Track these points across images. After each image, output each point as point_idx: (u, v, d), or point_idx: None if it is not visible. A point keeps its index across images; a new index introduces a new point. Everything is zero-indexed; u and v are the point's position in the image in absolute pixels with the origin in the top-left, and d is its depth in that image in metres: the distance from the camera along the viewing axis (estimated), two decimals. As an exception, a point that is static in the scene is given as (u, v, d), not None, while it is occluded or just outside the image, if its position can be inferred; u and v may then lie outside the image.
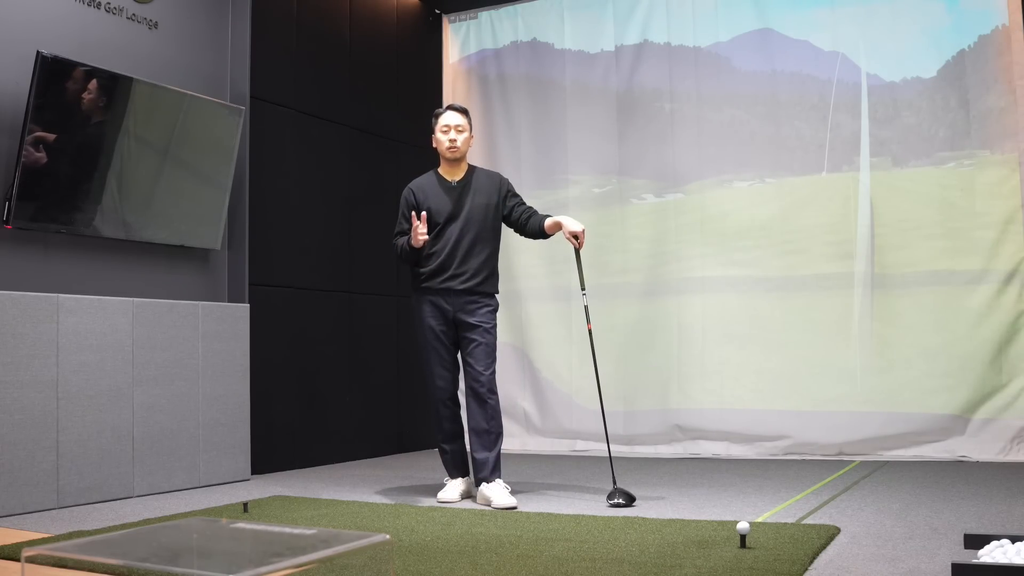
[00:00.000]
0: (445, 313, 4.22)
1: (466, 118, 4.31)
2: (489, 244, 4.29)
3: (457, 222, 4.22)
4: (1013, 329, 5.42)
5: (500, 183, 4.37)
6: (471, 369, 4.19)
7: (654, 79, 6.38)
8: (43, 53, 4.08)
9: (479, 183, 4.31)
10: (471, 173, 4.34)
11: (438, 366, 4.26)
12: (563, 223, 4.24)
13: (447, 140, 4.25)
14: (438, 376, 4.26)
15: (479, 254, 4.24)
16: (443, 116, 4.29)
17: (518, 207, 4.36)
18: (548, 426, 6.53)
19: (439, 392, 4.27)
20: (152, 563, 1.87)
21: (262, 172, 5.35)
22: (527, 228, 4.34)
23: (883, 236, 5.72)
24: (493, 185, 4.34)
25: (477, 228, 4.24)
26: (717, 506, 3.93)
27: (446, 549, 3.01)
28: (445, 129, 4.26)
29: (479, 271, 4.23)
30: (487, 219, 4.28)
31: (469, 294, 4.21)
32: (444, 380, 4.27)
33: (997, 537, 2.74)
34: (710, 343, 6.09)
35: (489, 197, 4.30)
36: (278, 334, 5.41)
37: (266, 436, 5.23)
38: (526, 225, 4.34)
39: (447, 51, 7.10)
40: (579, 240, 4.20)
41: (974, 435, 5.43)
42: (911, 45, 5.73)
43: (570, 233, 4.20)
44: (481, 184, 4.31)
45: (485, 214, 4.27)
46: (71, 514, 3.89)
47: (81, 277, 4.46)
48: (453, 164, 4.30)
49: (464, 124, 4.28)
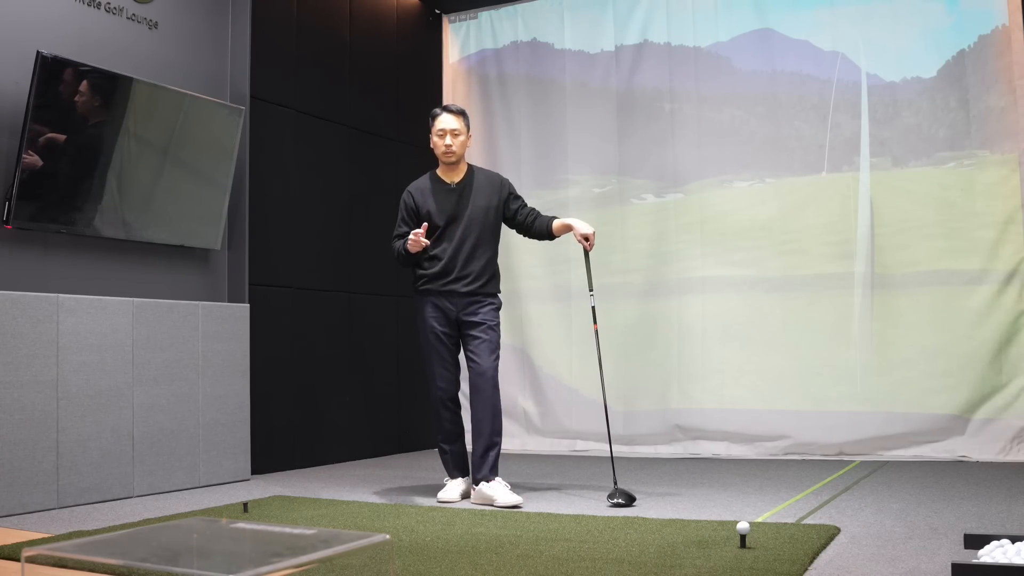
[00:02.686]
0: (448, 314, 4.22)
1: (463, 120, 4.27)
2: (490, 246, 4.29)
3: (458, 225, 4.21)
4: (1013, 329, 5.42)
5: (501, 185, 4.35)
6: (475, 363, 4.17)
7: (654, 79, 6.38)
8: (43, 53, 4.08)
9: (479, 185, 4.30)
10: (471, 174, 4.32)
11: (440, 367, 4.25)
12: (573, 225, 4.23)
13: (443, 145, 4.23)
14: (439, 377, 4.26)
15: (481, 256, 4.23)
16: (439, 120, 4.26)
17: (522, 209, 4.35)
18: (548, 426, 6.53)
19: (440, 392, 4.26)
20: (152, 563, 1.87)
21: (262, 172, 5.35)
22: (533, 229, 4.33)
23: (883, 236, 5.72)
24: (494, 187, 4.32)
25: (478, 230, 4.23)
26: (717, 506, 3.93)
27: (446, 549, 3.01)
28: (441, 134, 4.23)
29: (482, 274, 4.22)
30: (488, 221, 4.26)
31: (472, 295, 4.21)
32: (446, 381, 4.27)
33: (997, 537, 2.74)
34: (710, 343, 6.09)
35: (489, 199, 4.28)
36: (278, 334, 5.41)
37: (266, 436, 5.23)
38: (532, 227, 4.33)
39: (447, 51, 7.10)
40: (590, 242, 4.20)
41: (974, 435, 5.43)
42: (911, 45, 5.73)
43: (581, 235, 4.20)
44: (481, 186, 4.30)
45: (486, 216, 4.26)
46: (71, 514, 3.89)
47: (81, 277, 4.46)
48: (451, 166, 4.29)
49: (460, 128, 4.25)
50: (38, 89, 4.06)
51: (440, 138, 4.24)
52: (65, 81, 4.19)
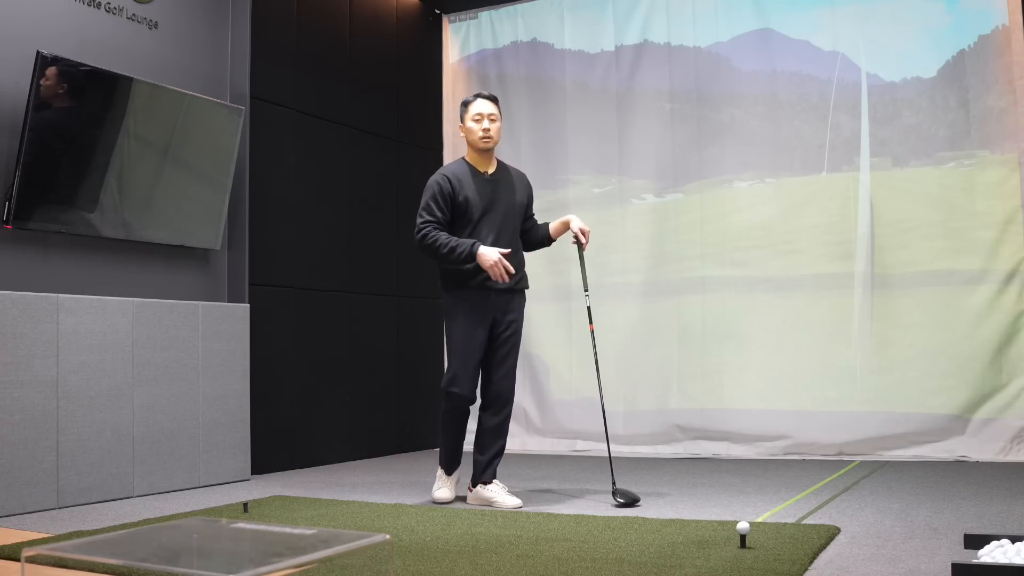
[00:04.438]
0: (484, 315, 4.05)
1: (497, 106, 4.16)
2: (518, 241, 4.21)
3: (494, 216, 4.07)
4: (1013, 329, 5.42)
5: (528, 185, 4.30)
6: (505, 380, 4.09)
7: (654, 79, 6.38)
8: (43, 53, 4.08)
9: (513, 179, 4.22)
10: (502, 167, 4.23)
11: (469, 372, 4.07)
12: (571, 220, 4.18)
13: (480, 129, 4.08)
14: (465, 384, 4.05)
15: (516, 253, 4.13)
16: (474, 104, 4.12)
17: (530, 218, 4.32)
18: (548, 426, 6.53)
19: (457, 398, 4.09)
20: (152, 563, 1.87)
21: (262, 172, 5.35)
22: (529, 237, 4.28)
23: (883, 236, 5.72)
24: (523, 184, 4.26)
25: (513, 224, 4.14)
26: (717, 506, 3.93)
27: (446, 549, 3.00)
28: (478, 118, 4.09)
29: (518, 268, 4.10)
30: (517, 216, 4.18)
31: (510, 292, 4.10)
32: (469, 389, 4.08)
33: (997, 537, 2.74)
34: (710, 343, 6.09)
35: (521, 195, 4.21)
36: (278, 334, 5.41)
37: (266, 436, 5.23)
38: (529, 234, 4.28)
39: (447, 51, 7.10)
40: (586, 237, 4.15)
41: (974, 435, 5.43)
42: (911, 45, 5.73)
43: (579, 228, 4.12)
44: (514, 180, 4.22)
45: (517, 211, 4.17)
46: (71, 514, 3.89)
47: (81, 277, 4.46)
48: (485, 155, 4.15)
49: (496, 113, 4.13)
50: (38, 89, 4.06)
51: (477, 123, 4.09)
52: (65, 81, 4.19)
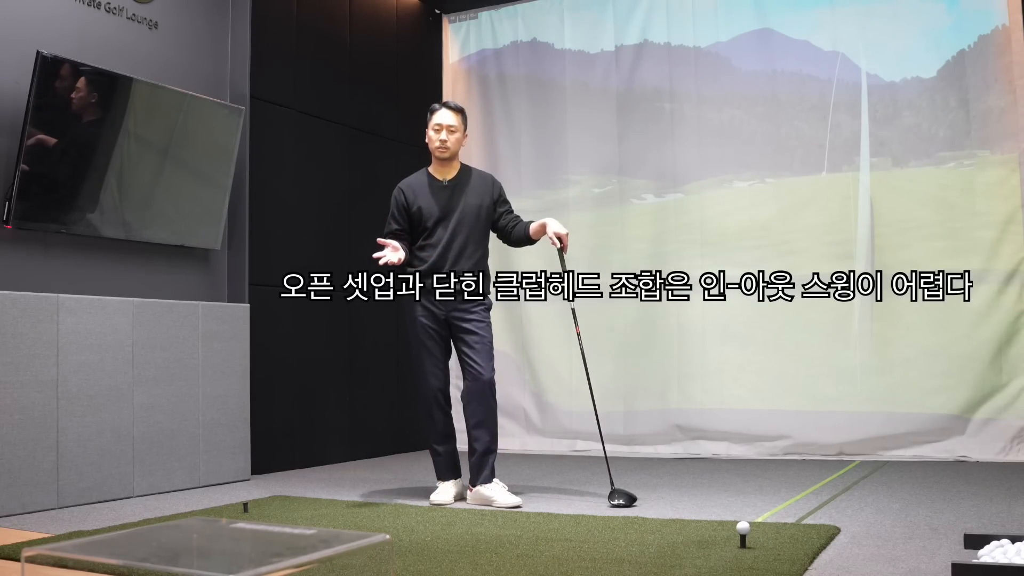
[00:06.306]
0: (436, 313, 4.16)
1: (460, 117, 4.24)
2: (481, 245, 4.24)
3: (448, 222, 4.16)
4: (1013, 329, 5.42)
5: (492, 185, 4.31)
6: (475, 368, 4.12)
7: (654, 79, 6.38)
8: (43, 53, 4.08)
9: (471, 183, 4.26)
10: (463, 173, 4.28)
11: (431, 365, 4.19)
12: (547, 224, 4.18)
13: (438, 140, 4.19)
14: (430, 374, 4.19)
15: (471, 256, 4.18)
16: (436, 114, 4.22)
17: (506, 215, 4.30)
18: (548, 426, 6.53)
19: (432, 391, 4.20)
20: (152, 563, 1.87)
21: (262, 172, 5.35)
22: (512, 235, 4.29)
23: (883, 236, 5.72)
24: (486, 187, 4.29)
25: (468, 229, 4.19)
26: (717, 506, 3.93)
27: (446, 549, 3.01)
28: (437, 128, 4.20)
29: (475, 271, 4.16)
30: (479, 220, 4.22)
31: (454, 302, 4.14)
32: (438, 379, 4.20)
33: (997, 537, 2.74)
34: (710, 343, 6.09)
35: (481, 198, 4.24)
36: (278, 334, 5.40)
37: (266, 436, 5.23)
38: (511, 233, 4.28)
39: (447, 51, 7.10)
40: (563, 242, 4.14)
41: (974, 435, 5.43)
42: (911, 45, 5.72)
43: (553, 233, 4.13)
44: (474, 185, 4.26)
45: (477, 215, 4.21)
46: (71, 514, 3.89)
47: (81, 277, 4.46)
48: (444, 163, 4.25)
49: (457, 124, 4.21)
50: (38, 89, 4.06)
51: (436, 132, 4.20)
52: (65, 81, 4.19)
